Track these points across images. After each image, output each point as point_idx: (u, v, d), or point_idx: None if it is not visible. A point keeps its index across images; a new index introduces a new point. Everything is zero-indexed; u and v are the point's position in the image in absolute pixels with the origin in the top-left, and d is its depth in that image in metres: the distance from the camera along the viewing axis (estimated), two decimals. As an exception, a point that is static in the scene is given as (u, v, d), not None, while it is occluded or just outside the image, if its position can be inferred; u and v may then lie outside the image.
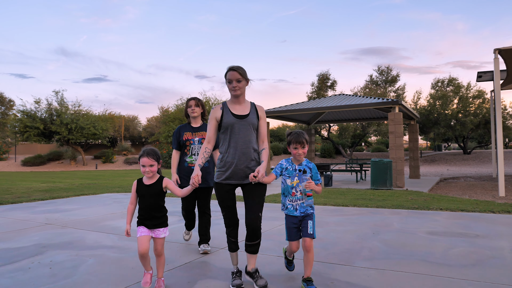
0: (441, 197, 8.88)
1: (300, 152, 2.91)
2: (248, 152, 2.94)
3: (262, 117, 3.10)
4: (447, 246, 4.03)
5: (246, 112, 3.02)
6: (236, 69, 2.92)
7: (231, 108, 3.02)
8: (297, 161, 2.98)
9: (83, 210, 7.22)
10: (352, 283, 2.95)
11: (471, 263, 3.41)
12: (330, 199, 8.19)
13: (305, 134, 2.95)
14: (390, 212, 6.44)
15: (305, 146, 2.92)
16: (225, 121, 2.96)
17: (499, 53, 10.43)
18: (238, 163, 2.93)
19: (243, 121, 2.96)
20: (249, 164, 2.95)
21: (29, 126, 33.35)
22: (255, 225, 2.87)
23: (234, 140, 2.95)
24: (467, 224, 5.24)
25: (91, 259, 3.77)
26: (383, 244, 4.18)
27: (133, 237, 4.77)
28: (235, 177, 2.96)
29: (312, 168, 2.96)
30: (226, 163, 2.96)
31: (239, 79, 2.92)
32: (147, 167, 2.87)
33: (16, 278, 3.20)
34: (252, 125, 3.00)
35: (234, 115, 2.97)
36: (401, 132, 12.46)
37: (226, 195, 2.98)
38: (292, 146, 2.94)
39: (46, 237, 4.79)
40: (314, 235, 2.88)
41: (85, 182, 15.48)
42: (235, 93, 2.95)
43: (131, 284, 3.02)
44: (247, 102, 3.09)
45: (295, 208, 2.91)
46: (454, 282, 2.92)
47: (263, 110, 3.12)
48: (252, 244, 2.93)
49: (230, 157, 2.95)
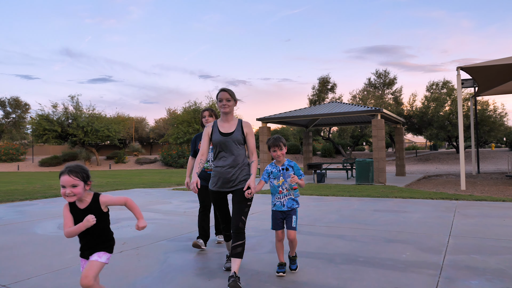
0: (408, 190, 10.99)
1: (279, 154, 3.39)
2: (235, 163, 3.33)
3: (248, 133, 3.44)
4: (379, 216, 6.19)
5: (232, 130, 3.39)
6: (226, 90, 3.37)
7: (220, 126, 3.42)
8: (279, 162, 3.46)
9: (125, 199, 9.44)
10: (311, 232, 5.12)
11: (387, 223, 5.56)
12: (317, 191, 10.34)
13: (282, 138, 3.44)
14: (357, 199, 8.61)
15: (282, 148, 3.40)
16: (213, 139, 3.40)
17: (463, 69, 12.56)
18: (228, 174, 3.31)
19: (228, 138, 3.35)
20: (238, 172, 3.33)
21: (47, 129, 35.77)
22: (238, 227, 3.18)
23: (223, 154, 3.37)
24: (404, 206, 7.40)
25: (152, 224, 5.97)
26: (339, 216, 6.37)
27: (174, 211, 6.94)
28: (226, 186, 3.35)
29: (293, 166, 3.45)
30: (218, 173, 3.37)
31: (228, 98, 3.36)
32: (67, 188, 2.29)
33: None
34: (237, 141, 3.37)
35: (220, 133, 3.38)
36: (383, 136, 14.57)
37: (219, 201, 3.43)
38: (271, 149, 3.42)
39: (114, 215, 6.99)
40: (296, 228, 3.38)
41: (107, 181, 17.71)
42: (224, 110, 3.37)
43: (179, 235, 5.20)
44: (235, 120, 3.48)
45: (282, 204, 3.37)
46: (369, 231, 5.08)
47: (249, 125, 3.51)
48: (237, 245, 3.14)
49: (220, 168, 3.35)
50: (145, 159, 39.32)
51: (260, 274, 3.42)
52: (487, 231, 4.99)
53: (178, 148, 35.49)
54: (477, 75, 14.31)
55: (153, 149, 59.28)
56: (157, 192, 11.21)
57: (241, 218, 3.20)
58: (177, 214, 6.93)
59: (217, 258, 4.00)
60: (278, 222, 3.40)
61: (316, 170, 15.05)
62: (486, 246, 4.24)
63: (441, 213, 6.42)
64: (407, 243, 4.44)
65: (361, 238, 4.74)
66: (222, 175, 3.34)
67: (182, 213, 7.10)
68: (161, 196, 10.17)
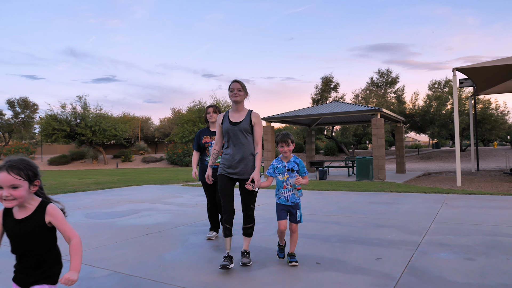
0: (405, 185, 11.62)
1: (286, 150, 3.45)
2: (243, 152, 3.51)
3: (256, 123, 3.58)
4: (373, 207, 6.85)
5: (241, 119, 3.55)
6: (238, 81, 3.53)
7: (230, 116, 3.60)
8: (285, 158, 3.52)
9: (140, 194, 10.15)
10: (311, 219, 5.79)
11: (379, 213, 6.22)
12: (319, 187, 10.99)
13: (290, 135, 3.47)
14: (355, 193, 9.27)
15: (290, 145, 3.44)
16: (224, 127, 3.57)
17: (459, 70, 13.15)
18: (236, 161, 3.50)
19: (236, 127, 3.51)
20: (245, 162, 3.52)
21: (57, 129, 36.66)
22: (248, 213, 3.57)
23: (232, 142, 3.54)
24: (398, 199, 8.05)
25: (169, 214, 6.66)
26: (337, 207, 7.04)
27: (186, 204, 7.63)
28: (234, 172, 3.53)
29: (299, 163, 3.51)
30: (227, 160, 3.54)
31: (240, 88, 3.52)
32: (5, 189, 1.75)
33: (136, 220, 6.10)
34: (245, 130, 3.51)
35: (230, 122, 3.55)
36: (382, 134, 15.20)
37: (226, 185, 3.53)
38: (279, 145, 3.47)
39: (133, 207, 7.70)
40: (301, 220, 3.56)
41: (117, 178, 18.44)
42: (235, 98, 3.50)
43: (194, 222, 5.88)
44: (245, 111, 3.61)
45: (286, 199, 3.48)
46: (363, 219, 5.74)
47: (258, 116, 3.61)
48: (247, 227, 3.57)
49: (230, 156, 3.52)
50: (151, 158, 40.12)
51: (267, 249, 4.11)
52: (467, 218, 5.64)
53: (184, 147, 36.23)
54: (474, 76, 14.88)
55: (158, 148, 60.13)
56: (167, 188, 11.91)
57: (250, 206, 3.55)
58: (189, 206, 7.62)
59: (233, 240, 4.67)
60: (282, 212, 3.51)
61: (318, 167, 15.72)
62: (461, 229, 4.89)
63: (430, 205, 7.06)
64: (393, 227, 5.11)
65: (355, 224, 5.40)
66: (230, 162, 3.50)
67: (194, 205, 7.79)
68: (172, 191, 10.87)
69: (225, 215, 3.49)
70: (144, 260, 3.78)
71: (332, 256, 3.80)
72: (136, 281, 3.18)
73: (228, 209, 3.50)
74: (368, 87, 42.33)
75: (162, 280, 3.18)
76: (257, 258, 3.79)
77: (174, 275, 3.32)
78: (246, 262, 3.51)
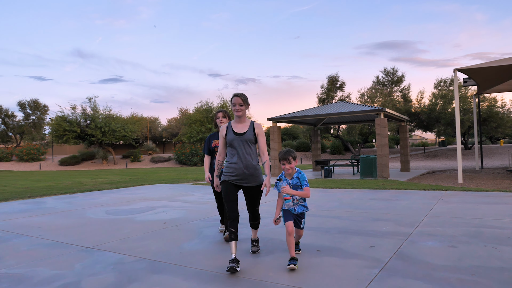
0: (407, 183, 12.04)
1: (287, 167, 3.55)
2: (248, 161, 3.70)
3: (259, 133, 3.77)
4: (373, 203, 7.32)
5: (245, 130, 3.74)
6: (239, 95, 3.70)
7: (234, 127, 3.78)
8: (289, 175, 3.63)
9: (153, 193, 10.71)
10: (314, 214, 6.28)
11: (378, 208, 6.68)
12: (323, 185, 11.46)
13: (292, 152, 3.57)
14: (358, 190, 9.73)
15: (291, 162, 3.55)
16: (228, 138, 3.75)
17: (459, 71, 13.52)
18: (241, 169, 3.69)
19: (240, 137, 3.70)
20: (250, 170, 3.70)
21: (67, 130, 37.50)
22: (255, 213, 3.90)
23: (237, 152, 3.72)
24: (397, 195, 8.50)
25: (183, 210, 7.19)
26: (339, 203, 7.52)
27: (198, 201, 8.15)
28: (238, 180, 3.72)
29: (300, 177, 3.60)
30: (232, 168, 3.72)
31: (241, 103, 3.70)
32: None
33: (153, 216, 6.64)
34: (249, 140, 3.72)
35: (234, 133, 3.73)
36: (385, 134, 15.61)
37: (230, 192, 3.68)
38: (281, 162, 3.57)
39: (148, 204, 8.24)
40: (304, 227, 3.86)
41: (129, 178, 19.06)
42: (238, 114, 3.72)
43: (207, 217, 6.40)
44: (247, 121, 3.82)
45: (294, 208, 3.62)
46: (362, 214, 6.22)
47: (261, 127, 3.81)
48: (254, 223, 3.97)
49: (235, 165, 3.71)
50: (160, 158, 40.81)
51: (274, 240, 4.62)
52: (458, 212, 6.09)
53: (192, 146, 36.85)
54: (475, 76, 15.23)
55: (165, 147, 60.92)
56: (179, 187, 12.46)
57: (255, 208, 3.86)
58: (201, 203, 8.15)
59: (242, 232, 5.18)
60: (289, 215, 3.60)
61: (324, 166, 16.17)
62: (450, 222, 5.35)
63: (427, 201, 7.51)
64: (390, 221, 5.58)
65: (354, 218, 5.88)
66: (235, 170, 3.69)
67: (205, 202, 8.31)
68: (184, 190, 11.41)
69: (230, 220, 3.60)
70: (166, 249, 4.31)
71: (331, 244, 4.29)
72: (161, 265, 3.70)
73: (233, 214, 3.60)
74: (373, 86, 42.59)
75: (184, 264, 3.70)
76: (265, 247, 4.30)
77: (193, 260, 3.84)
78: (256, 250, 3.97)
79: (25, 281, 3.35)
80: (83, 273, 3.53)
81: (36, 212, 7.44)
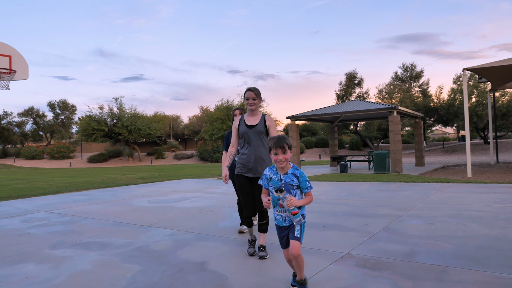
0: (417, 177, 12.94)
1: (281, 158, 2.71)
2: (258, 153, 3.78)
3: (270, 125, 3.84)
4: (379, 193, 8.36)
5: (256, 122, 3.83)
6: (252, 90, 3.78)
7: (246, 119, 3.88)
8: (281, 170, 2.79)
9: (183, 186, 12.00)
10: (326, 202, 7.38)
11: (381, 197, 7.72)
12: (337, 179, 12.51)
13: (286, 139, 2.73)
14: (368, 183, 10.76)
15: (287, 151, 2.72)
16: (240, 130, 3.85)
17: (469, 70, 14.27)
18: (252, 161, 3.77)
19: (252, 129, 3.79)
20: (259, 162, 3.78)
21: (96, 129, 39.58)
22: (263, 209, 3.82)
23: (248, 143, 3.81)
24: (402, 187, 9.49)
25: (213, 200, 8.41)
26: (348, 193, 8.60)
27: (225, 193, 9.35)
28: (251, 172, 3.79)
29: (299, 175, 2.76)
30: (244, 160, 3.80)
31: (254, 97, 3.79)
32: None
33: (189, 204, 7.89)
34: (260, 133, 3.79)
35: (246, 125, 3.83)
36: (399, 130, 16.47)
37: (244, 185, 3.78)
38: (272, 151, 2.74)
39: (182, 195, 9.50)
40: (301, 240, 2.71)
41: (158, 173, 20.50)
42: (251, 107, 3.81)
43: (234, 205, 7.56)
44: (259, 114, 3.90)
45: (284, 218, 2.79)
46: (367, 202, 7.28)
47: (272, 119, 3.86)
48: (262, 223, 3.82)
49: (246, 156, 3.79)
50: (183, 155, 42.46)
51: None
52: (450, 200, 7.08)
53: (213, 144, 38.30)
54: (485, 74, 15.88)
55: (187, 145, 62.79)
56: (205, 181, 13.74)
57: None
58: (229, 194, 9.36)
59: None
60: (282, 239, 2.87)
61: (340, 161, 17.18)
62: (439, 207, 6.37)
63: (427, 191, 8.50)
64: (388, 206, 6.63)
65: (359, 204, 6.96)
66: (246, 162, 3.79)
67: (232, 193, 9.52)
68: (210, 184, 12.67)
69: (246, 211, 3.80)
70: (205, 226, 5.52)
71: (335, 223, 5.40)
72: (204, 236, 4.91)
73: (249, 206, 3.78)
74: (392, 82, 43.00)
75: (221, 235, 4.90)
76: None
77: (227, 233, 5.03)
78: (263, 255, 3.77)
79: (108, 245, 4.61)
80: (148, 240, 4.78)
81: (88, 202, 8.81)
